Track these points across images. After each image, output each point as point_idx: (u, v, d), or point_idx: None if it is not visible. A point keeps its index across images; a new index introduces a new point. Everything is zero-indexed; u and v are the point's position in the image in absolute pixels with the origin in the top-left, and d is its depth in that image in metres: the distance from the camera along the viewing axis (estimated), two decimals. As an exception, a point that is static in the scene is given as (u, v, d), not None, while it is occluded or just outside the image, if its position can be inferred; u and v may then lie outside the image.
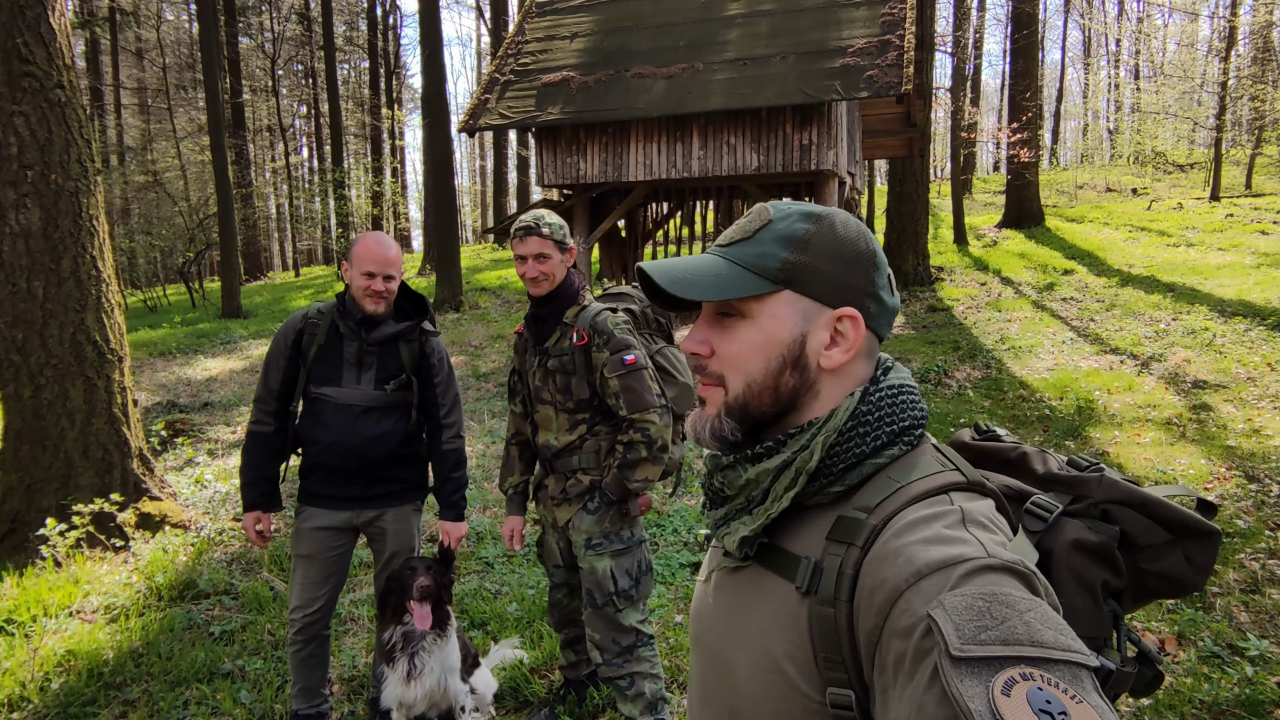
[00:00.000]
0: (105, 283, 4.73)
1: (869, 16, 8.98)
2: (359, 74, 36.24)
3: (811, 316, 0.88)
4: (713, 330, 0.91)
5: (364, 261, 2.65)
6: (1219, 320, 8.71)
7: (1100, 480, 0.93)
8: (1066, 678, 0.60)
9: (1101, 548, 0.88)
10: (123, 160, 26.27)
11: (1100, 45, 38.12)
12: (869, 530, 0.78)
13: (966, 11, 19.90)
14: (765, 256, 0.88)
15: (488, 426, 7.22)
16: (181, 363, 10.99)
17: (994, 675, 0.60)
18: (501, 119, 9.57)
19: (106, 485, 4.63)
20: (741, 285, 0.86)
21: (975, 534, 0.73)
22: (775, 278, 0.87)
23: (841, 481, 0.85)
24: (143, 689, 3.25)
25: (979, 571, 0.68)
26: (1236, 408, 6.19)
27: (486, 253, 25.77)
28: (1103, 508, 0.91)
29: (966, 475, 0.84)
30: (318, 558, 2.80)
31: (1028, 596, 0.66)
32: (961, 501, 0.79)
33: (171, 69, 29.32)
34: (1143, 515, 0.90)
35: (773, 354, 0.87)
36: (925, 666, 0.64)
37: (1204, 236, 14.01)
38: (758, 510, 0.88)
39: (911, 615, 0.68)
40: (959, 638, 0.62)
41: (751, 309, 0.88)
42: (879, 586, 0.73)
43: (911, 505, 0.79)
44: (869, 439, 0.85)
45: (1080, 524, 0.90)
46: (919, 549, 0.72)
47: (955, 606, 0.65)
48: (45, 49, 4.46)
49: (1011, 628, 0.62)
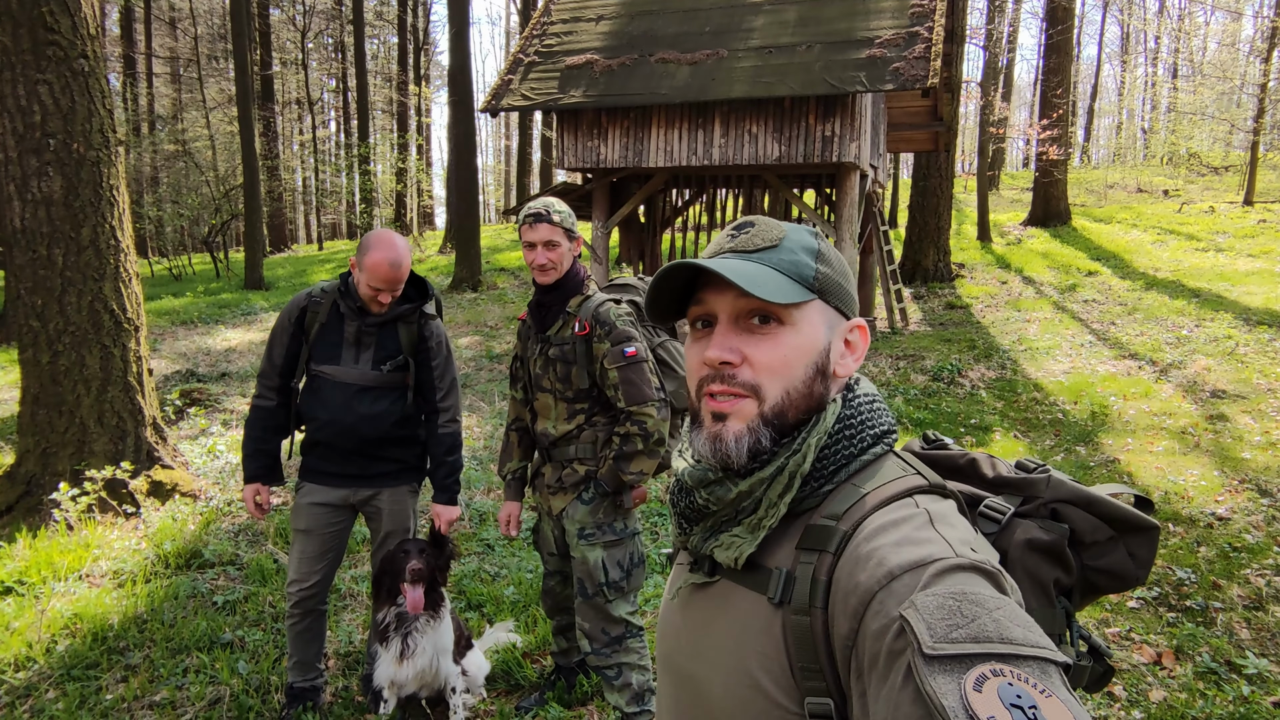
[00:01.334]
0: (124, 252, 4.79)
1: (898, 7, 8.84)
2: (388, 49, 36.25)
3: (834, 326, 0.91)
4: (741, 338, 0.87)
5: (374, 277, 2.63)
6: (1243, 329, 8.55)
7: (1048, 481, 0.96)
8: (1035, 673, 0.62)
9: (1053, 546, 0.91)
10: (153, 129, 26.52)
11: (1139, 42, 37.33)
12: (840, 536, 0.79)
13: (1001, 4, 19.56)
14: (801, 265, 0.89)
15: (498, 408, 7.26)
16: (202, 332, 11.13)
17: (966, 672, 0.61)
18: (524, 100, 9.55)
19: (120, 452, 4.72)
20: (792, 291, 0.86)
21: (943, 533, 0.75)
22: (812, 286, 0.89)
23: (831, 482, 0.86)
24: (144, 655, 3.32)
25: (949, 571, 0.70)
26: (1254, 419, 6.09)
27: (508, 233, 25.81)
28: (1051, 507, 0.94)
29: (928, 479, 0.86)
30: (315, 533, 2.84)
31: (996, 595, 0.68)
32: (927, 504, 0.81)
33: (203, 39, 29.49)
34: (1088, 513, 0.93)
35: (810, 361, 0.88)
36: (899, 666, 0.66)
37: (1234, 242, 13.74)
38: (748, 521, 0.88)
39: (884, 616, 0.69)
40: (931, 636, 0.64)
41: (793, 315, 0.87)
42: (852, 590, 0.74)
43: (879, 510, 0.80)
44: (855, 441, 0.87)
45: (1032, 524, 0.93)
46: (889, 551, 0.74)
47: (927, 606, 0.66)
48: (70, 18, 4.50)
49: (982, 626, 0.64)
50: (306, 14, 29.06)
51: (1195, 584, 3.84)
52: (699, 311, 0.91)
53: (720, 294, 0.88)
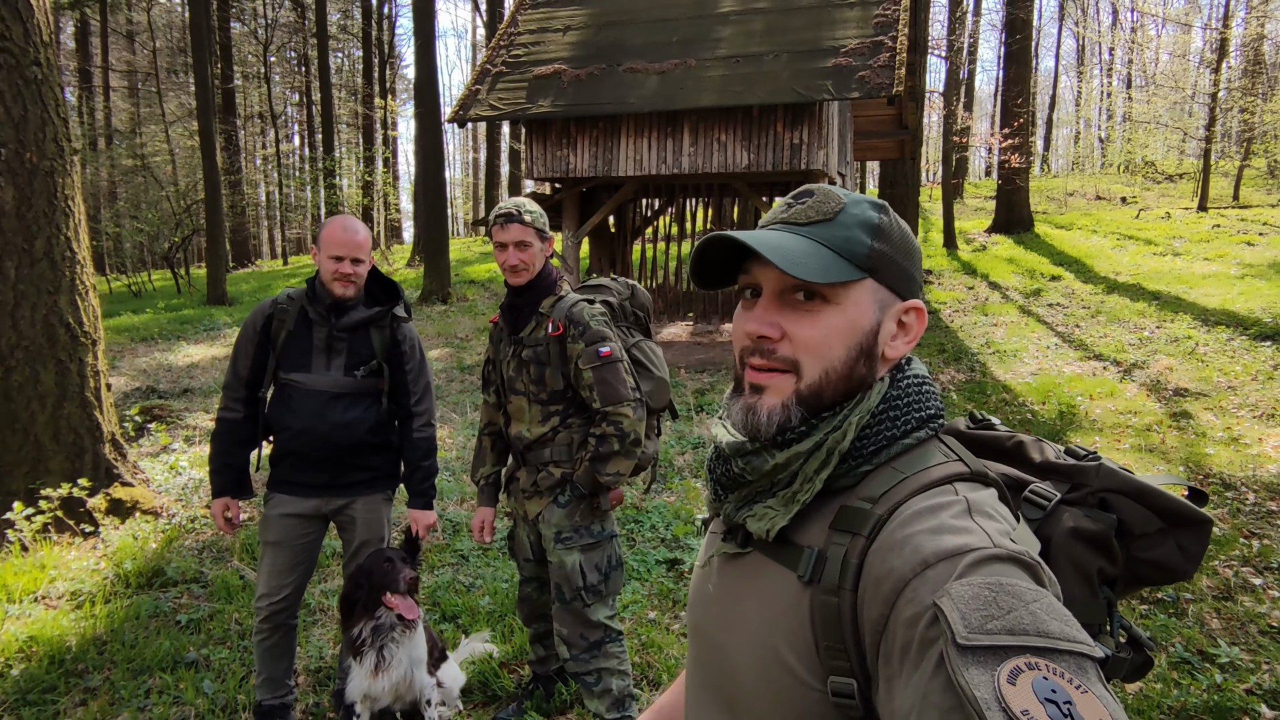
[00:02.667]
0: (80, 264, 4.65)
1: (862, 17, 8.97)
2: (353, 63, 36.01)
3: (886, 306, 0.88)
4: (784, 313, 0.86)
5: (331, 245, 2.61)
6: (1202, 329, 8.76)
7: (1098, 469, 0.93)
8: (1072, 668, 0.61)
9: (1099, 536, 0.88)
10: (110, 143, 26.02)
11: (1094, 54, 38.33)
12: (874, 520, 0.79)
13: (961, 16, 19.97)
14: (853, 242, 0.86)
15: (469, 419, 7.17)
16: (163, 348, 10.89)
17: (1000, 664, 0.60)
18: (492, 110, 9.51)
19: (77, 470, 4.57)
20: (838, 269, 0.84)
21: (981, 524, 0.74)
22: (864, 265, 0.86)
23: (870, 463, 0.85)
24: (104, 677, 3.20)
25: (985, 561, 0.69)
26: (1216, 416, 6.22)
27: (477, 245, 25.67)
28: (1100, 496, 0.92)
29: (970, 466, 0.84)
30: (285, 545, 2.76)
31: (1033, 587, 0.67)
32: (966, 492, 0.79)
33: (162, 52, 29.04)
34: (1139, 504, 0.91)
35: (853, 342, 0.86)
36: (931, 655, 0.65)
37: (1190, 246, 14.09)
38: (783, 494, 0.87)
39: (918, 604, 0.69)
40: (965, 627, 0.62)
41: (838, 294, 0.85)
42: (885, 576, 0.73)
43: (917, 495, 0.79)
44: (899, 422, 0.86)
45: (1078, 512, 0.90)
46: (925, 539, 0.73)
47: (962, 596, 0.65)
48: (23, 25, 4.38)
49: (1018, 617, 0.63)
50: (268, 28, 28.77)
51: (1166, 577, 3.88)
52: (747, 280, 0.90)
53: (765, 267, 0.87)
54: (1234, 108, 19.61)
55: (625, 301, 2.85)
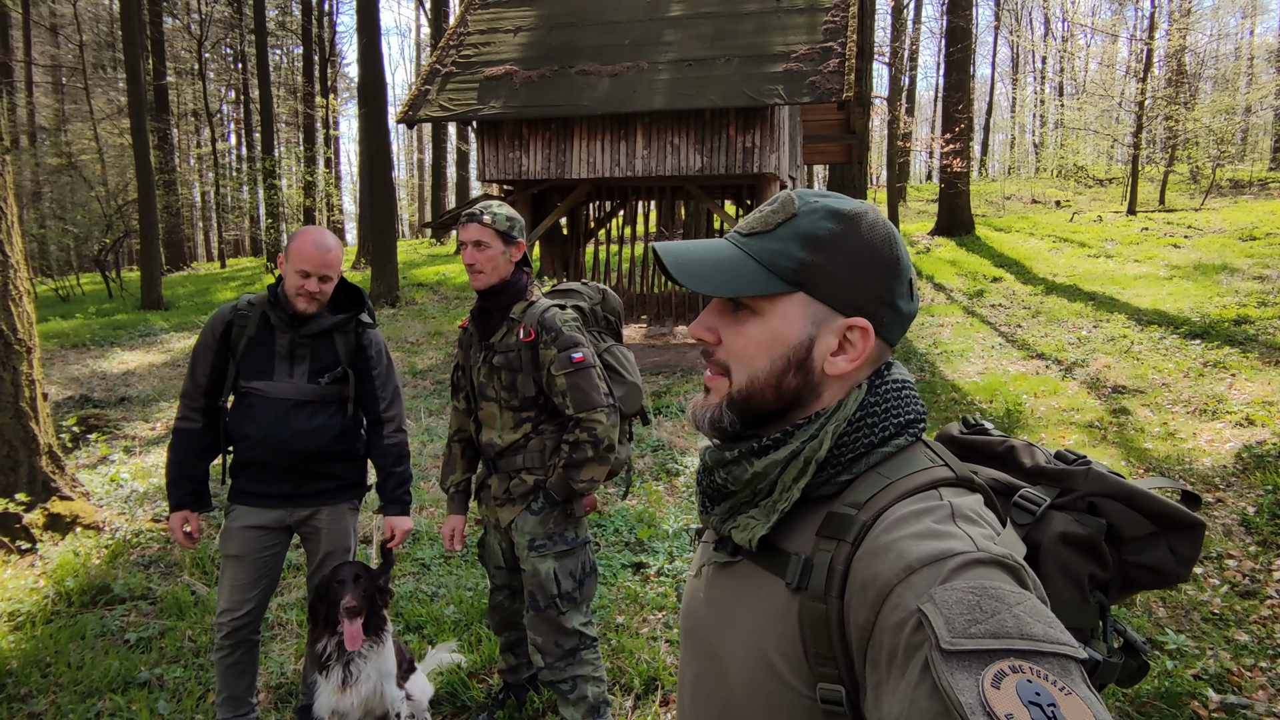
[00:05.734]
0: (13, 268, 4.44)
1: (809, 24, 9.11)
2: (292, 60, 35.11)
3: (822, 321, 0.86)
4: (722, 319, 0.89)
5: (301, 260, 2.52)
6: (1136, 328, 9.12)
7: (1087, 473, 0.94)
8: (1055, 670, 0.61)
9: (1089, 540, 0.89)
10: (34, 141, 24.87)
11: (1027, 62, 39.66)
12: (859, 526, 0.78)
13: (903, 24, 20.44)
14: (780, 255, 0.85)
15: (424, 425, 7.06)
16: (96, 355, 10.45)
17: (984, 668, 0.60)
18: (442, 111, 9.38)
19: (12, 484, 4.35)
20: (751, 283, 0.84)
21: (964, 528, 0.74)
22: (788, 278, 0.84)
23: (850, 471, 0.84)
24: (50, 700, 3.05)
25: (969, 565, 0.69)
26: (1153, 412, 6.48)
27: (424, 248, 25.29)
28: (1089, 500, 0.92)
29: (955, 470, 0.84)
30: (247, 559, 2.67)
31: (1017, 590, 0.67)
32: (950, 497, 0.79)
33: (89, 47, 27.87)
34: (1129, 508, 0.91)
35: (777, 354, 0.86)
36: (916, 660, 0.65)
37: (1122, 248, 14.67)
38: (765, 503, 0.87)
39: (902, 610, 0.68)
40: (949, 631, 0.63)
41: (763, 306, 0.85)
42: (870, 582, 0.73)
43: (901, 501, 0.79)
44: (877, 429, 0.85)
45: (1068, 517, 0.91)
46: (909, 544, 0.73)
47: (945, 600, 0.65)
48: (-51, 16, 4.16)
49: (1001, 621, 0.63)
50: (203, 22, 27.85)
51: (1114, 568, 4.03)
52: None
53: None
54: (1159, 115, 20.50)
55: (596, 306, 2.84)
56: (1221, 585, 3.83)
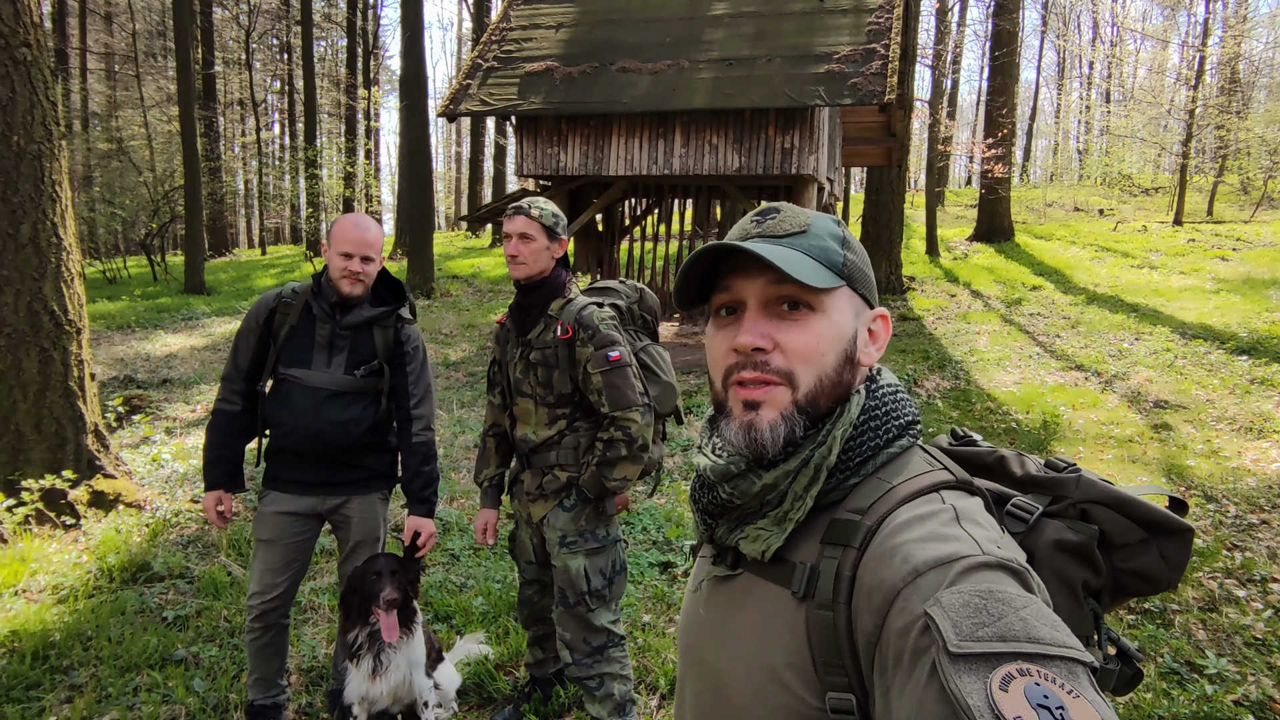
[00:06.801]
0: (66, 250, 4.56)
1: (854, 24, 9.02)
2: (336, 52, 35.59)
3: (860, 314, 0.90)
4: (774, 324, 0.85)
5: (342, 242, 2.58)
6: (1180, 342, 8.91)
7: (1078, 480, 0.95)
8: (1063, 673, 0.61)
9: (1082, 547, 0.90)
10: (86, 126, 25.50)
11: (1074, 67, 38.87)
12: (864, 531, 0.79)
13: (948, 26, 20.16)
14: (830, 252, 0.88)
15: (456, 416, 7.12)
16: (140, 337, 10.69)
17: (992, 671, 0.60)
18: (482, 105, 9.45)
19: (59, 461, 4.47)
20: (824, 276, 0.85)
21: (970, 530, 0.74)
22: (842, 273, 0.88)
23: (858, 474, 0.84)
24: (90, 673, 3.14)
25: (975, 569, 0.69)
26: (1196, 429, 6.33)
27: (460, 240, 25.51)
28: (1081, 507, 0.93)
29: (955, 474, 0.85)
30: (279, 543, 2.72)
31: (1023, 593, 0.67)
32: (953, 499, 0.80)
33: (141, 35, 28.52)
34: (1119, 514, 0.92)
35: (840, 348, 0.87)
36: (924, 664, 0.65)
37: (1166, 260, 14.34)
38: (774, 514, 0.86)
39: (909, 614, 0.68)
40: (957, 634, 0.63)
41: (823, 302, 0.86)
42: (877, 587, 0.73)
43: (905, 504, 0.79)
44: (881, 432, 0.86)
45: (1060, 524, 0.92)
46: (915, 547, 0.73)
47: (953, 604, 0.65)
48: (13, 5, 4.27)
49: (1009, 624, 0.63)
50: (251, 13, 28.36)
51: (1152, 587, 3.95)
52: (724, 299, 0.89)
53: (750, 279, 0.86)
54: (1210, 124, 19.97)
55: (633, 305, 2.84)
56: (1265, 609, 3.73)
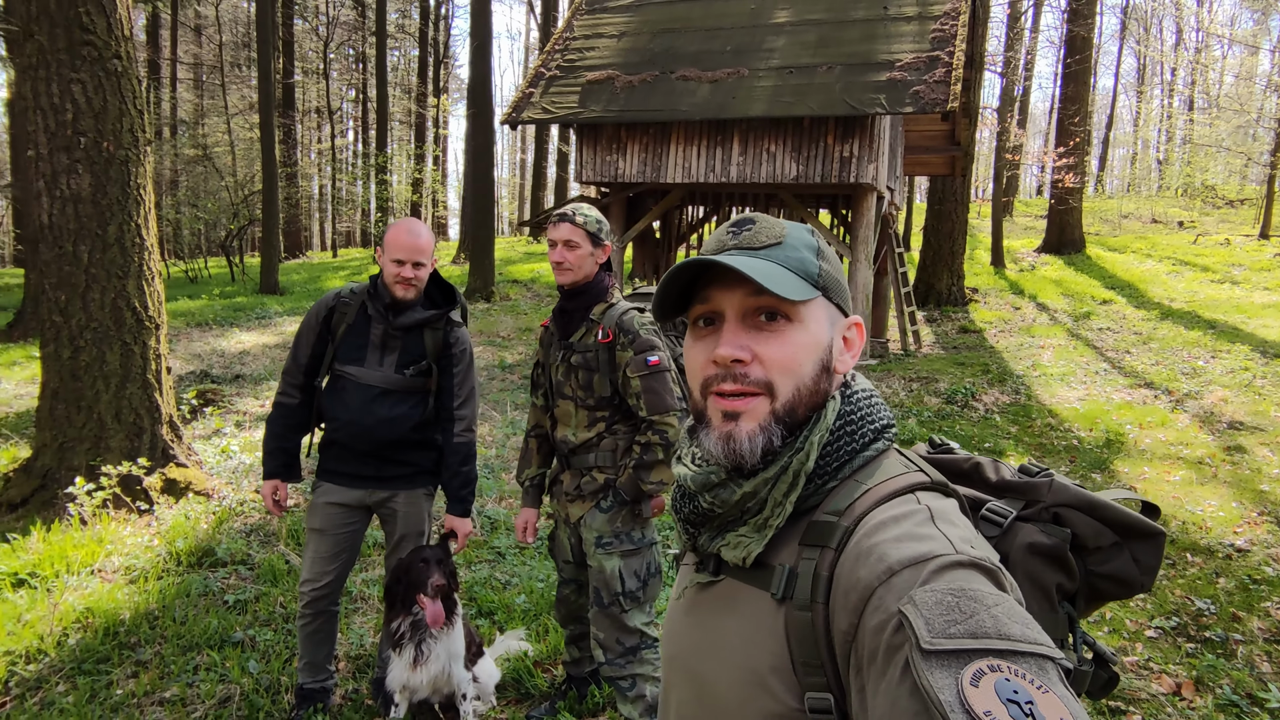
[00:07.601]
0: (148, 250, 4.83)
1: (918, 32, 8.90)
2: (408, 61, 36.65)
3: (835, 322, 0.91)
4: (751, 335, 0.87)
5: (395, 248, 2.69)
6: (1260, 361, 8.50)
7: (1050, 485, 0.96)
8: (1033, 669, 0.62)
9: (1054, 550, 0.91)
10: (175, 133, 26.84)
11: (1155, 74, 37.39)
12: (841, 532, 0.80)
13: (1019, 32, 19.64)
14: (806, 263, 0.89)
15: (510, 417, 7.26)
16: (217, 334, 11.20)
17: (963, 667, 0.61)
18: (544, 113, 9.62)
19: (135, 449, 4.73)
20: (801, 288, 0.87)
21: (944, 530, 0.75)
22: (817, 284, 0.89)
23: (835, 478, 0.86)
24: (155, 651, 3.32)
25: (949, 567, 0.70)
26: (1272, 452, 6.04)
27: (521, 245, 25.91)
28: (1053, 511, 0.94)
29: (931, 476, 0.86)
30: (329, 533, 2.84)
31: (995, 591, 0.68)
32: (928, 500, 0.81)
33: (227, 46, 29.89)
34: (1091, 518, 0.93)
35: (817, 357, 0.88)
36: (897, 661, 0.66)
37: (1250, 275, 13.68)
38: (754, 520, 0.88)
39: (884, 612, 0.70)
40: (929, 632, 0.64)
41: (800, 312, 0.88)
42: (853, 586, 0.74)
43: (880, 505, 0.81)
44: (857, 436, 0.88)
45: (1033, 528, 0.93)
46: (890, 547, 0.74)
47: (925, 602, 0.66)
48: (106, 19, 4.56)
49: (980, 621, 0.64)
50: (329, 25, 29.46)
51: (1214, 615, 3.79)
52: (703, 309, 0.90)
53: (728, 291, 0.87)
54: (1302, 133, 18.96)
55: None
56: (1335, 643, 3.54)
